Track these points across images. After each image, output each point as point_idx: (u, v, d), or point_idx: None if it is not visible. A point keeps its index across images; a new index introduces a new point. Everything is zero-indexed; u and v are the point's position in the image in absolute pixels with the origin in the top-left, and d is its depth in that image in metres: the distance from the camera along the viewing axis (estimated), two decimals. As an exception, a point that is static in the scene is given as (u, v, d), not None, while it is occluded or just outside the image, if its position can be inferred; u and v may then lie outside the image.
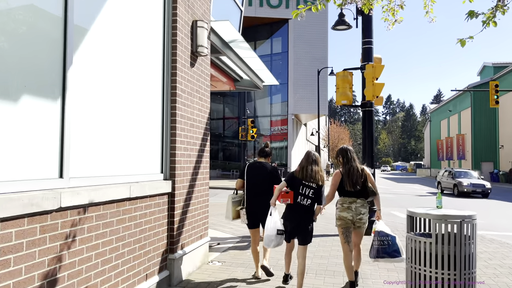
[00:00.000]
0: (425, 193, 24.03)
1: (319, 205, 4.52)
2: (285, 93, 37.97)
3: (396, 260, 4.60)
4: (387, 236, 4.60)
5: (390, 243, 4.59)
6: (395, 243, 4.59)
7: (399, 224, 10.39)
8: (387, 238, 4.59)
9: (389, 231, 4.64)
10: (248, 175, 5.26)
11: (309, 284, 5.01)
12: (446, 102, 56.57)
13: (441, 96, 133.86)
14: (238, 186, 5.38)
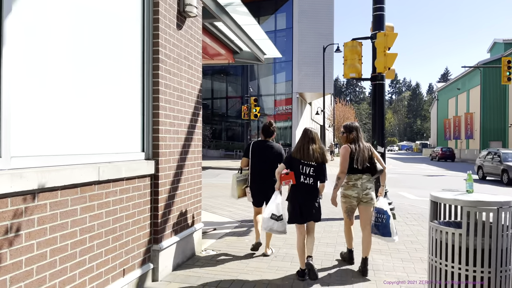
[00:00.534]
0: (434, 173, 23.33)
1: (322, 182, 4.45)
2: (290, 71, 36.99)
3: (387, 239, 4.65)
4: (383, 214, 4.61)
5: (384, 221, 4.59)
6: (388, 223, 4.57)
7: (408, 206, 9.76)
8: (383, 216, 4.61)
9: (386, 209, 4.61)
10: (254, 154, 5.22)
11: (313, 278, 4.41)
12: (454, 80, 55.19)
13: (449, 75, 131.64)
14: (243, 164, 5.36)
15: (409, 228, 7.05)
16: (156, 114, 4.14)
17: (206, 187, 13.37)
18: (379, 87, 8.27)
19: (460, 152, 50.48)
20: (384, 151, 8.25)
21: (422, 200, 11.70)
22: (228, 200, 10.12)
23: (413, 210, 9.08)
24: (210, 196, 10.85)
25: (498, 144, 42.68)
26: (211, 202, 9.79)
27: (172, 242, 4.42)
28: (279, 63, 38.76)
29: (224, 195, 11.12)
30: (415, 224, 7.46)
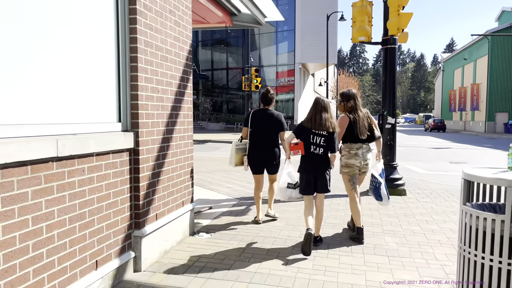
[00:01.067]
0: (440, 145, 22.69)
1: (333, 152, 4.33)
2: (292, 41, 35.83)
3: (378, 202, 4.84)
4: (376, 179, 4.76)
5: (377, 185, 4.73)
6: (379, 188, 4.72)
7: (418, 181, 9.18)
8: (376, 180, 4.75)
9: (377, 175, 4.74)
10: (253, 122, 5.19)
11: (321, 266, 3.85)
12: (461, 50, 53.74)
13: (454, 45, 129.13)
14: (244, 134, 5.32)
15: (422, 206, 6.48)
16: (134, 77, 3.48)
17: (205, 161, 12.81)
18: (390, 52, 7.53)
19: (465, 124, 49.67)
20: (395, 122, 7.60)
21: (431, 174, 11.11)
22: (227, 175, 9.56)
23: (423, 186, 8.50)
24: (208, 171, 10.28)
25: (504, 115, 41.89)
26: (208, 177, 9.23)
27: (157, 226, 3.85)
28: (281, 32, 37.54)
29: (223, 170, 10.56)
30: (427, 201, 6.89)
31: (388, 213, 5.96)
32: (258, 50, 38.68)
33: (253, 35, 38.54)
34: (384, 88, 7.66)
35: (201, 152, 17.08)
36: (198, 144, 21.25)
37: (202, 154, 15.88)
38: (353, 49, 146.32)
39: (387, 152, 7.62)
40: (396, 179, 7.49)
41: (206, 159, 13.35)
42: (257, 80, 23.19)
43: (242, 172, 10.07)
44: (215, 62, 42.11)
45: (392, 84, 7.56)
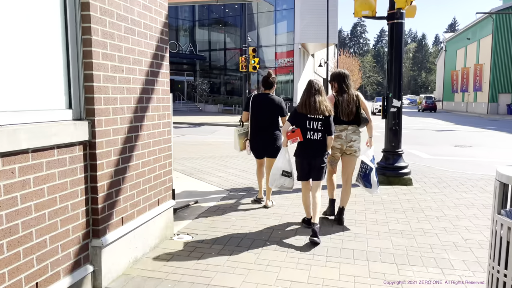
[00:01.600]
0: (443, 128, 22.02)
1: (330, 135, 4.22)
2: (291, 20, 34.77)
3: (368, 190, 4.69)
4: (366, 165, 4.61)
5: (367, 172, 4.59)
6: (369, 174, 4.56)
7: (423, 167, 8.57)
8: (366, 167, 4.61)
9: (368, 162, 4.59)
10: (253, 107, 5.13)
11: (318, 279, 3.25)
12: (464, 29, 52.51)
13: (456, 25, 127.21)
14: (244, 118, 5.29)
15: (431, 198, 5.88)
16: (88, 53, 2.81)
17: (198, 146, 12.18)
18: (397, 28, 6.81)
19: (467, 106, 48.89)
20: (401, 105, 6.94)
21: (436, 160, 10.50)
22: (220, 162, 8.95)
23: (429, 173, 7.90)
24: (199, 157, 9.66)
25: (507, 96, 41.13)
26: (199, 164, 8.61)
27: (124, 232, 3.24)
28: (280, 11, 36.43)
29: (216, 156, 9.94)
30: (436, 191, 6.28)
31: (394, 207, 5.36)
32: (257, 30, 37.63)
33: (251, 14, 37.42)
34: (389, 68, 6.97)
35: (195, 136, 16.45)
36: (194, 128, 20.59)
37: (197, 138, 15.25)
38: (354, 29, 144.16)
39: (391, 138, 6.98)
40: (402, 167, 6.88)
41: (199, 144, 12.72)
42: (255, 60, 22.34)
43: (236, 158, 9.46)
44: (213, 43, 41.08)
45: (398, 63, 6.87)
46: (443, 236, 4.26)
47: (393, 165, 6.88)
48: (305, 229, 4.41)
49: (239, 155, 10.01)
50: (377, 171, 4.97)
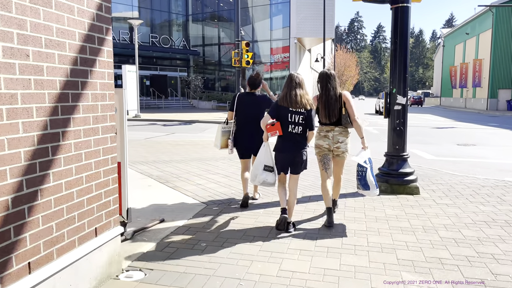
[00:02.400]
0: (443, 125, 21.14)
1: (311, 130, 4.22)
2: (287, 14, 33.78)
3: (367, 193, 4.49)
4: (361, 167, 4.44)
5: (363, 174, 4.42)
6: (365, 176, 4.39)
7: (429, 171, 7.70)
8: (362, 169, 4.43)
9: (362, 162, 4.41)
10: (239, 106, 5.12)
11: None
12: (463, 24, 51.60)
13: (454, 21, 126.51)
14: (230, 117, 5.24)
15: (443, 212, 4.98)
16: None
17: (184, 146, 11.25)
18: (401, 13, 5.89)
19: (466, 102, 48.08)
20: (406, 102, 6.03)
21: (441, 161, 9.62)
22: (202, 166, 8.03)
23: (437, 178, 7.01)
24: (182, 160, 8.73)
25: (507, 92, 40.35)
26: (179, 169, 7.68)
27: (34, 283, 2.32)
28: (275, 4, 35.43)
29: (200, 158, 9.02)
30: (448, 203, 5.39)
31: (401, 225, 4.45)
32: (252, 24, 36.64)
33: (246, 8, 36.40)
34: (392, 60, 6.05)
35: (185, 134, 15.52)
36: (184, 125, 19.65)
37: (184, 137, 14.33)
38: (351, 25, 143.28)
39: (395, 140, 6.07)
40: (407, 173, 5.97)
41: (186, 144, 11.79)
42: (248, 55, 21.36)
43: (221, 161, 8.56)
44: (207, 37, 40.02)
45: (403, 55, 5.95)
46: (467, 270, 3.35)
47: (397, 171, 5.98)
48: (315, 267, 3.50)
49: (225, 157, 9.12)
50: (375, 176, 4.70)
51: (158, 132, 16.48)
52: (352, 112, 4.42)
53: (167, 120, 21.46)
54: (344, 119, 4.46)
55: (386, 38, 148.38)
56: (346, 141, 4.52)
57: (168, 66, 39.49)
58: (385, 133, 16.85)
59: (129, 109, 23.75)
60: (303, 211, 4.96)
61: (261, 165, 4.23)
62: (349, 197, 5.68)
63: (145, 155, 9.43)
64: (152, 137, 14.42)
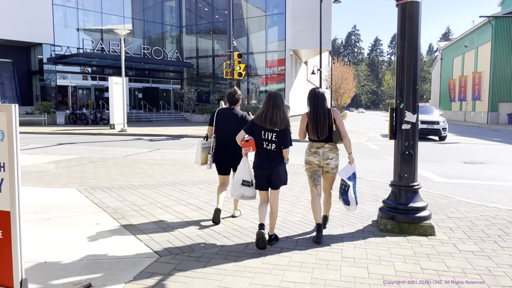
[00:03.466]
0: (446, 140, 19.99)
1: (285, 148, 4.26)
2: (282, 26, 32.89)
3: (347, 208, 4.63)
4: (344, 182, 4.54)
5: (346, 189, 4.51)
6: (347, 192, 4.48)
7: (440, 198, 6.60)
8: (345, 183, 4.53)
9: (345, 178, 4.49)
10: (218, 122, 5.15)
11: None
12: (461, 37, 50.99)
13: (450, 34, 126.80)
14: (209, 133, 5.27)
15: (471, 265, 3.77)
16: None
17: (163, 165, 10.05)
18: (410, 9, 4.77)
19: (465, 115, 47.16)
20: (417, 120, 4.88)
21: (452, 185, 8.46)
22: (175, 194, 6.83)
23: (452, 209, 5.86)
24: (152, 185, 7.52)
25: (508, 105, 39.44)
26: (144, 197, 6.48)
27: None
28: (270, 16, 34.58)
29: (176, 182, 7.82)
30: (474, 250, 4.19)
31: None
32: (247, 36, 35.76)
33: (241, 19, 35.58)
34: (400, 68, 4.91)
35: (169, 151, 14.35)
36: (172, 140, 18.48)
37: (168, 154, 13.15)
38: (348, 38, 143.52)
39: (404, 167, 4.89)
40: (419, 209, 4.79)
41: (165, 163, 10.59)
42: (241, 66, 20.29)
43: (199, 187, 7.37)
44: (201, 50, 39.08)
45: (413, 61, 4.82)
46: None
47: (407, 205, 4.79)
48: None
49: (204, 181, 7.95)
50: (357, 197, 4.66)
51: (142, 148, 15.30)
52: (342, 128, 4.51)
53: (155, 135, 20.30)
54: (335, 136, 4.51)
55: (383, 51, 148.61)
56: (337, 157, 4.59)
57: (161, 79, 38.48)
58: (386, 149, 15.75)
59: (115, 123, 22.58)
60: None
61: (240, 180, 4.30)
62: (347, 241, 4.49)
63: (113, 178, 8.23)
64: (133, 154, 13.23)
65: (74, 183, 7.64)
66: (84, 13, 31.93)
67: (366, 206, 6.21)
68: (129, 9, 35.13)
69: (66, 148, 14.98)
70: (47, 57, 29.92)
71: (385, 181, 8.59)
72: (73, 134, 20.48)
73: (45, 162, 10.36)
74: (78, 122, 27.10)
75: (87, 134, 20.48)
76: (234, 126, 4.90)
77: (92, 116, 27.14)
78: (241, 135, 4.31)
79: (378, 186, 7.86)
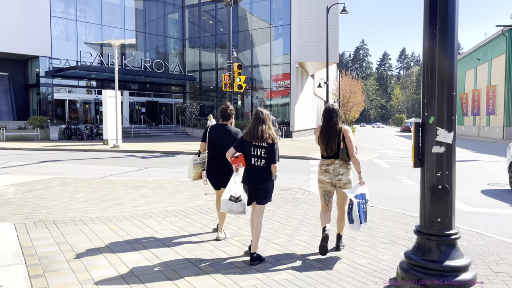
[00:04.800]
0: (461, 157, 18.35)
1: (273, 163, 4.34)
2: (288, 38, 31.70)
3: (350, 226, 4.48)
4: (350, 201, 4.44)
5: (351, 207, 4.43)
6: (351, 210, 4.40)
7: (474, 238, 5.09)
8: (350, 202, 4.45)
9: (352, 197, 4.36)
10: (210, 138, 5.13)
11: None
12: (472, 50, 49.48)
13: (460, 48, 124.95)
14: (202, 149, 5.25)
15: None
16: None
17: (140, 189, 8.63)
18: (442, -14, 3.36)
19: (479, 130, 45.29)
20: (453, 141, 3.42)
21: (483, 216, 6.97)
22: (134, 232, 5.38)
23: (494, 255, 4.39)
24: (114, 218, 6.09)
25: (524, 120, 37.56)
26: (93, 237, 5.03)
27: None
28: (276, 27, 33.48)
29: (144, 214, 6.39)
30: None
31: None
32: (251, 49, 34.65)
33: (246, 31, 34.52)
34: (428, 68, 3.46)
35: (158, 169, 12.99)
36: (166, 157, 17.12)
37: (156, 173, 11.79)
38: (357, 52, 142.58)
39: (434, 208, 3.41)
40: (458, 269, 3.29)
41: (146, 186, 9.19)
42: (241, 78, 18.99)
43: (169, 219, 5.93)
44: (204, 63, 38.04)
45: (449, 56, 3.38)
46: None
47: (441, 264, 3.30)
48: None
49: (181, 211, 6.53)
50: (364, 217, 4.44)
51: (130, 166, 13.96)
52: (351, 147, 4.45)
53: (149, 151, 18.97)
54: (342, 154, 4.49)
55: (391, 65, 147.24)
56: (348, 173, 4.56)
57: (163, 93, 37.39)
58: (399, 168, 14.16)
59: (109, 138, 21.33)
60: None
61: (227, 195, 4.34)
62: None
63: (73, 207, 6.84)
64: (116, 173, 11.88)
65: (19, 214, 6.25)
66: (83, 26, 31.07)
67: (379, 250, 4.73)
68: (130, 22, 34.28)
69: (48, 166, 13.68)
70: (44, 70, 28.99)
71: (401, 211, 7.10)
72: (62, 151, 19.22)
73: (6, 185, 9.01)
74: (73, 138, 25.92)
75: (77, 151, 19.22)
76: (225, 143, 4.85)
77: (88, 131, 25.93)
78: (231, 151, 4.41)
79: (394, 219, 6.38)
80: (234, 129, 5.13)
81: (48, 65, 29.11)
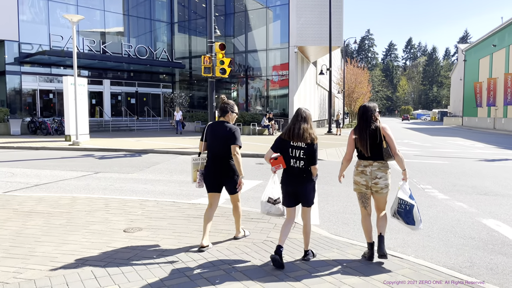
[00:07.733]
0: (489, 156, 14.98)
1: (313, 165, 4.18)
2: (286, 19, 28.25)
3: (410, 227, 4.33)
4: (405, 202, 4.29)
5: (408, 208, 4.27)
6: (411, 211, 4.25)
7: None
8: (406, 203, 4.29)
9: (407, 198, 4.26)
10: (207, 136, 4.89)
11: None
12: (487, 36, 45.74)
13: (469, 38, 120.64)
14: (201, 149, 4.98)
15: None
16: None
17: (38, 215, 5.43)
18: None
19: (495, 122, 41.72)
20: None
21: None
22: None
23: None
24: None
25: (546, 111, 34.06)
26: None
27: None
28: (273, 7, 29.99)
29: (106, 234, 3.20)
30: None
31: None
32: (245, 32, 31.24)
33: (240, 12, 31.11)
34: None
35: (109, 175, 9.89)
36: (129, 157, 13.89)
37: (100, 181, 8.66)
38: (362, 42, 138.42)
39: None
40: None
41: (52, 209, 6.00)
42: (224, 61, 15.68)
43: None
44: (195, 50, 34.64)
45: None
46: None
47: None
48: None
49: None
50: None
51: (76, 170, 10.84)
52: (393, 145, 4.30)
53: (113, 150, 15.76)
54: (386, 153, 4.27)
55: (398, 56, 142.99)
56: (386, 177, 4.30)
57: (149, 82, 34.08)
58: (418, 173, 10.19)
59: (71, 133, 18.12)
60: None
61: (266, 197, 4.31)
62: None
63: None
64: (44, 183, 8.82)
65: None
66: (57, 6, 27.73)
67: None
68: (112, 3, 30.90)
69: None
70: (13, 56, 25.81)
71: (449, 271, 3.81)
72: (9, 148, 16.06)
73: None
74: (38, 132, 22.77)
75: (27, 148, 16.04)
76: (222, 140, 4.66)
77: (56, 125, 22.76)
78: (269, 153, 4.26)
79: None
80: (232, 126, 4.76)
81: (17, 50, 25.92)
